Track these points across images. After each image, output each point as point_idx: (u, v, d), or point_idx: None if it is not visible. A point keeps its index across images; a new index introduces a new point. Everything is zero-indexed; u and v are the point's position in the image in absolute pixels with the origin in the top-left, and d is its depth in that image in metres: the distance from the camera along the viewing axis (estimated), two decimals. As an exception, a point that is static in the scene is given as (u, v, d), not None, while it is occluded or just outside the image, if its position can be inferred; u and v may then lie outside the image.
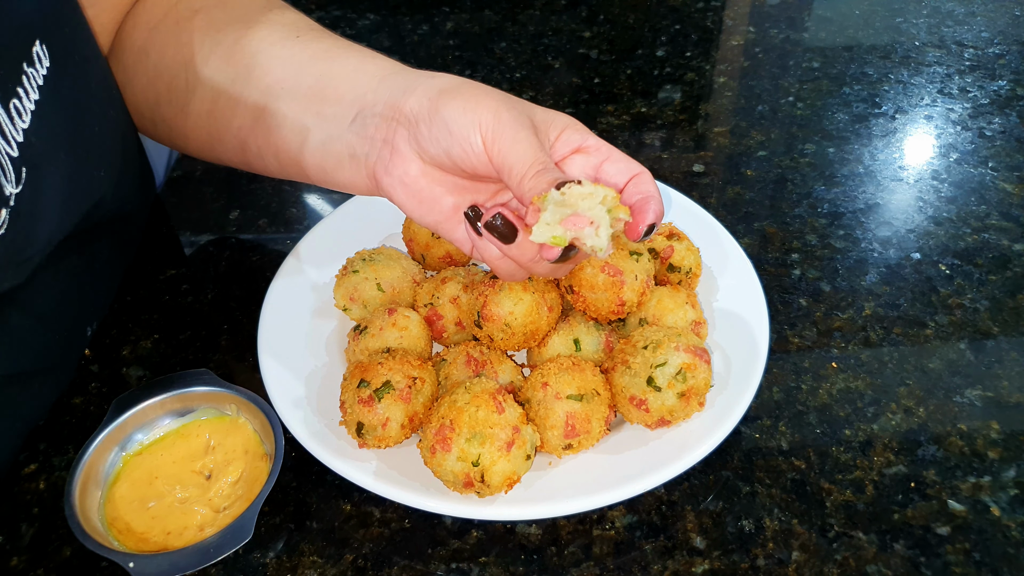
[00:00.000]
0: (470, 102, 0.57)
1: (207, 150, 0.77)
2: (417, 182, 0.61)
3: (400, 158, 0.60)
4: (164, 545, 0.59)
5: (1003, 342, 0.76)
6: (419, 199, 0.61)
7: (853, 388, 0.72)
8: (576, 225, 0.52)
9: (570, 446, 0.62)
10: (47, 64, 0.58)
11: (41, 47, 0.58)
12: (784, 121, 1.06)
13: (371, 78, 0.64)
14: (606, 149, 0.60)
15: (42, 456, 0.69)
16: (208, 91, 0.71)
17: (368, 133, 0.62)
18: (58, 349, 0.71)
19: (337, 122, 0.64)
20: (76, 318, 0.73)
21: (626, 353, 0.64)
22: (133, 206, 0.79)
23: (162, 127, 0.77)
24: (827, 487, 0.64)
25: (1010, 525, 0.61)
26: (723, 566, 0.59)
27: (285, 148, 0.68)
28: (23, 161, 0.56)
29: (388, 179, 0.61)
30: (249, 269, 0.86)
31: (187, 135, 0.76)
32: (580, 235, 0.52)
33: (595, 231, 0.52)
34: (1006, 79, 1.12)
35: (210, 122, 0.72)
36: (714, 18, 1.31)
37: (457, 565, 0.60)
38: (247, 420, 0.67)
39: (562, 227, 0.52)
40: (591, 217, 0.52)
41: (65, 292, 0.68)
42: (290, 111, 0.66)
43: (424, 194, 0.61)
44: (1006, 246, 0.86)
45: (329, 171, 0.66)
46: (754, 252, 0.85)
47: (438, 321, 0.72)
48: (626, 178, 0.59)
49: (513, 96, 0.60)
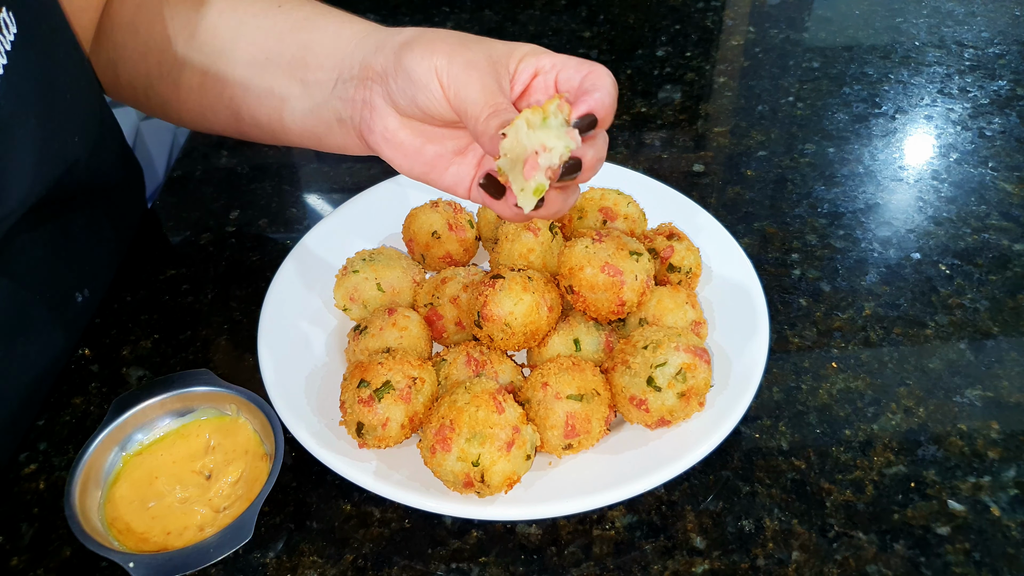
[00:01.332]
0: (426, 49, 0.58)
1: (201, 121, 0.80)
2: (397, 135, 0.63)
3: (378, 115, 0.63)
4: (164, 545, 0.59)
5: (1003, 342, 0.76)
6: (403, 152, 0.63)
7: (853, 388, 0.72)
8: (534, 166, 0.53)
9: (570, 446, 0.62)
10: (14, 30, 0.60)
11: (8, 14, 0.60)
12: (784, 121, 1.06)
13: (347, 43, 0.66)
14: (560, 61, 0.59)
15: (42, 456, 0.69)
16: (197, 65, 0.73)
17: (349, 95, 0.65)
18: (42, 309, 0.72)
19: (321, 88, 0.67)
20: (59, 282, 0.74)
21: (626, 353, 0.64)
22: (114, 179, 0.82)
23: (155, 101, 0.80)
24: (827, 487, 0.64)
25: (1010, 525, 0.61)
26: (723, 566, 0.59)
27: (277, 116, 0.71)
28: None
29: (372, 137, 0.64)
30: (249, 269, 0.86)
31: (180, 108, 0.78)
32: (542, 167, 0.53)
33: (549, 154, 0.52)
34: (1006, 79, 1.12)
35: (201, 95, 0.75)
36: (714, 18, 1.31)
37: (457, 565, 0.60)
38: (247, 420, 0.67)
39: (526, 177, 0.53)
40: (543, 143, 0.52)
41: (44, 256, 0.70)
42: (276, 81, 0.69)
43: (406, 146, 0.63)
44: (1006, 246, 0.86)
45: (322, 136, 0.69)
46: (754, 252, 0.85)
47: (438, 321, 0.72)
48: (580, 79, 0.58)
49: (473, 36, 0.60)
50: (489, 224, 0.82)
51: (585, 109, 0.54)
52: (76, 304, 0.78)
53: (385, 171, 0.94)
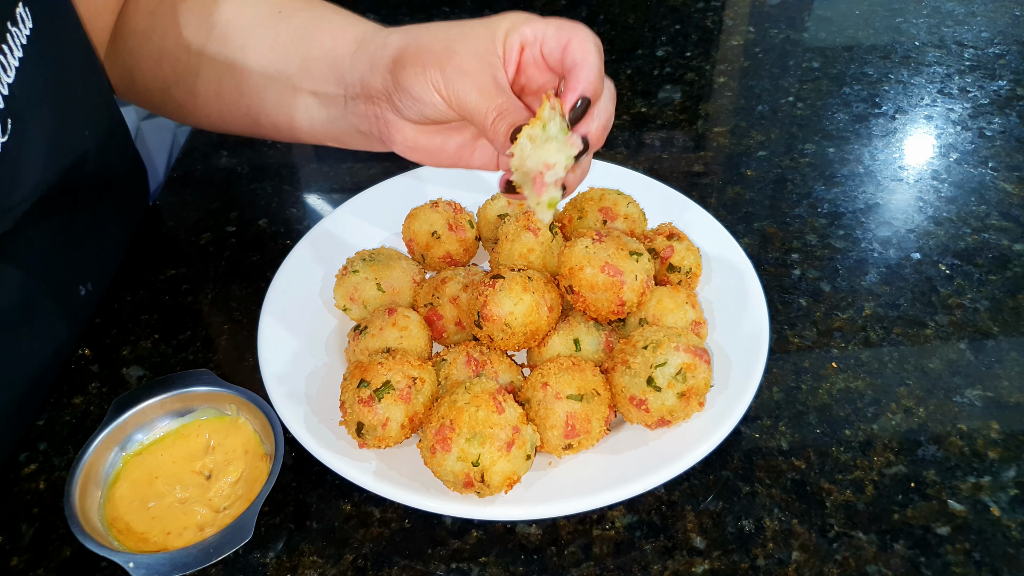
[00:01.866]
0: (418, 65, 0.60)
1: (221, 125, 0.81)
2: (417, 141, 0.65)
3: (395, 128, 0.64)
4: (164, 545, 0.59)
5: (1003, 342, 0.76)
6: (427, 153, 0.66)
7: (853, 388, 0.72)
8: (542, 184, 0.55)
9: (570, 446, 0.62)
10: (30, 26, 0.63)
11: (24, 9, 0.62)
12: (784, 121, 1.06)
13: (343, 59, 0.68)
14: (541, 30, 0.60)
15: (42, 456, 0.69)
16: (212, 73, 0.75)
17: (361, 111, 0.67)
18: (47, 301, 0.73)
19: (334, 102, 0.69)
20: (64, 274, 0.76)
21: (626, 353, 0.64)
22: (120, 175, 0.84)
23: (172, 106, 0.81)
24: (827, 487, 0.64)
25: (1010, 525, 0.61)
26: (723, 566, 0.59)
27: (296, 124, 0.73)
28: (8, 113, 0.61)
29: (395, 146, 0.66)
30: (249, 269, 0.86)
31: (198, 114, 0.80)
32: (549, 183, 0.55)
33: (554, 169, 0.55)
34: (1006, 79, 1.12)
35: (219, 102, 0.76)
36: (714, 18, 1.31)
37: (457, 565, 0.60)
38: (247, 420, 0.67)
39: (537, 194, 0.55)
40: (545, 161, 0.54)
41: (50, 247, 0.72)
42: (288, 92, 0.71)
43: (429, 148, 0.65)
44: (1006, 246, 0.86)
45: (345, 141, 0.72)
46: (754, 252, 0.85)
47: (438, 321, 0.72)
48: (560, 51, 0.59)
49: (455, 29, 0.61)
50: (489, 224, 0.82)
51: (574, 96, 0.56)
52: (80, 297, 0.78)
53: (385, 172, 0.94)
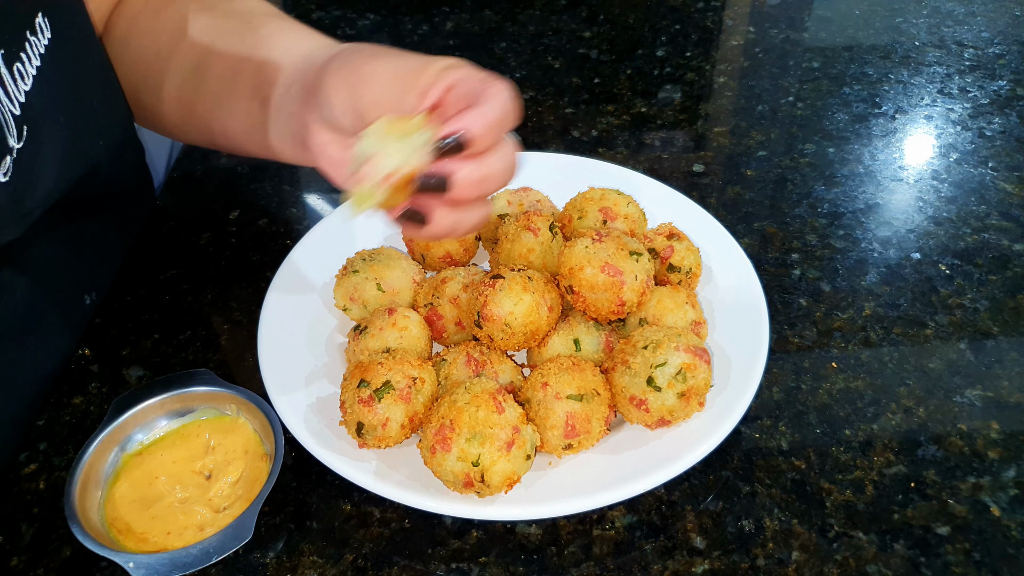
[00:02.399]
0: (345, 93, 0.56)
1: (181, 133, 0.83)
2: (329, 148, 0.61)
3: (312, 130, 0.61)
4: (164, 545, 0.59)
5: (1003, 342, 0.76)
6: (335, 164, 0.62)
7: (853, 388, 0.72)
8: (362, 175, 0.52)
9: (570, 446, 0.62)
10: (48, 35, 0.64)
11: (43, 19, 0.63)
12: (784, 121, 1.06)
13: (293, 64, 0.66)
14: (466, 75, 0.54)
15: (42, 456, 0.69)
16: (176, 79, 0.76)
17: (292, 111, 0.64)
18: (53, 309, 0.73)
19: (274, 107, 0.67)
20: (70, 284, 0.76)
21: (626, 353, 0.64)
22: (129, 187, 0.85)
23: (140, 112, 0.82)
24: (827, 487, 0.64)
25: (1010, 525, 0.61)
26: (723, 566, 0.59)
27: (239, 128, 0.72)
28: (25, 120, 0.61)
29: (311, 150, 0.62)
30: (249, 269, 0.86)
31: (163, 120, 0.81)
32: (368, 176, 0.52)
33: (381, 165, 0.52)
34: (1006, 79, 1.12)
35: (179, 108, 0.77)
36: (714, 18, 1.31)
37: (457, 565, 0.60)
38: (247, 420, 0.67)
39: (356, 180, 0.52)
40: (383, 153, 0.52)
41: (58, 256, 0.72)
42: (237, 97, 0.71)
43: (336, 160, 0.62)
44: (1006, 246, 0.86)
45: (276, 150, 0.69)
46: (754, 252, 0.85)
47: (438, 321, 0.72)
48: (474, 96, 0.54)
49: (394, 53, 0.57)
50: (489, 224, 0.82)
51: (451, 129, 0.51)
52: (84, 306, 0.79)
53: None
